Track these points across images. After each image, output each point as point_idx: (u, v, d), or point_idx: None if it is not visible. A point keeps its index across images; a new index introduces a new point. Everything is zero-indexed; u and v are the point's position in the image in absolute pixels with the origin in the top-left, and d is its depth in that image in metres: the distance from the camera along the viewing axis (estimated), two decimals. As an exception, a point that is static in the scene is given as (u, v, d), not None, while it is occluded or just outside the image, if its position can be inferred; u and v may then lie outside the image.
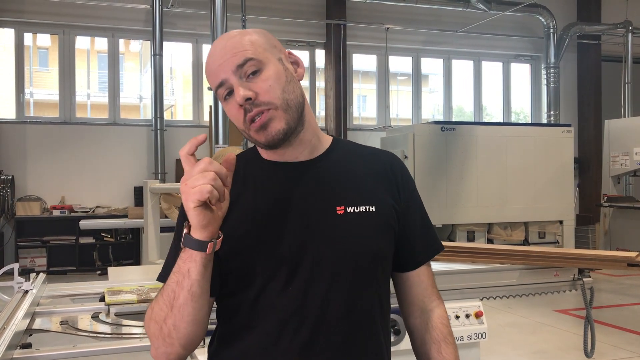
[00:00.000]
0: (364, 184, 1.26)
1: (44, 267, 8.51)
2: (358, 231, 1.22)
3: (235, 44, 1.19)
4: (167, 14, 9.27)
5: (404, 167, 1.34)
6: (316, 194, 1.23)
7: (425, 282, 1.33)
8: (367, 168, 1.30)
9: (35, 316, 2.03)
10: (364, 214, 1.22)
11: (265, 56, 1.19)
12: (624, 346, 5.04)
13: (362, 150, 1.35)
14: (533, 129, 9.14)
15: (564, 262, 3.17)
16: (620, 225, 9.13)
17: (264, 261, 1.17)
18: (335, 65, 10.30)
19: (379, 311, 1.27)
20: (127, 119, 9.75)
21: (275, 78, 1.18)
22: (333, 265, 1.19)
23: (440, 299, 1.35)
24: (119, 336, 1.87)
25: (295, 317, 1.17)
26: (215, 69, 1.20)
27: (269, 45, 1.22)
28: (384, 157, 1.33)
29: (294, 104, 1.20)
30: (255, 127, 1.17)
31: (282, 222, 1.20)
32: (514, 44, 11.65)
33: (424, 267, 1.34)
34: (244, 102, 1.16)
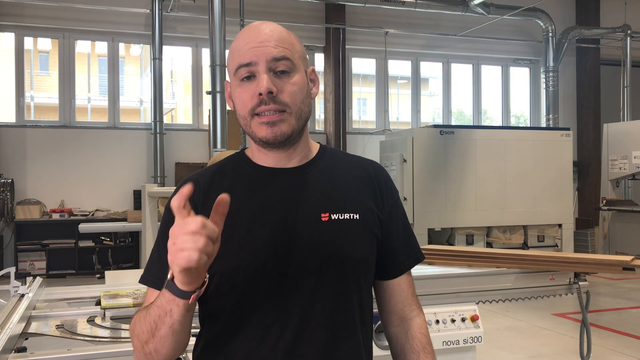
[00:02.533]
0: (349, 191, 1.27)
1: (44, 270, 8.52)
2: (342, 238, 1.22)
3: (280, 36, 1.20)
4: (167, 18, 9.31)
5: (388, 177, 1.36)
6: (302, 201, 1.23)
7: (405, 291, 1.34)
8: (353, 176, 1.31)
9: (31, 320, 2.04)
10: (347, 221, 1.23)
11: (298, 63, 1.22)
12: (622, 350, 5.04)
13: (349, 158, 1.37)
14: (532, 133, 9.15)
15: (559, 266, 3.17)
16: (620, 228, 9.13)
17: (246, 266, 1.17)
18: (334, 69, 10.32)
19: (360, 318, 1.27)
20: (126, 122, 9.77)
21: (300, 86, 1.21)
22: (316, 272, 1.20)
23: (420, 308, 1.36)
24: (115, 340, 1.88)
25: (278, 323, 1.18)
26: (247, 50, 1.19)
27: (303, 55, 1.26)
28: (369, 167, 1.35)
29: (304, 116, 1.23)
30: (262, 120, 1.18)
31: (267, 228, 1.20)
32: (513, 47, 11.67)
33: (405, 275, 1.35)
34: (267, 93, 1.16)
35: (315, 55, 10.73)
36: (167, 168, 9.43)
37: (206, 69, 9.37)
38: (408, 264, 1.36)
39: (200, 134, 9.73)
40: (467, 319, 2.70)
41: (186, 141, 9.77)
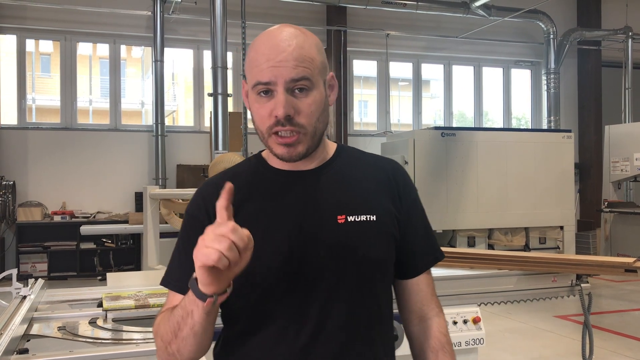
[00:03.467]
0: (365, 192, 1.27)
1: (45, 272, 8.52)
2: (358, 240, 1.22)
3: (300, 54, 1.17)
4: (168, 21, 9.32)
5: (406, 176, 1.35)
6: (318, 203, 1.24)
7: (424, 291, 1.34)
8: (370, 176, 1.30)
9: (33, 322, 2.04)
10: (364, 223, 1.23)
11: (317, 78, 1.20)
12: (624, 352, 5.03)
13: (366, 157, 1.36)
14: (533, 135, 9.14)
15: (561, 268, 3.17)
16: (621, 230, 9.11)
17: (264, 269, 1.18)
18: (335, 71, 10.32)
19: (378, 319, 1.27)
20: (128, 124, 9.78)
21: (317, 105, 1.20)
22: (333, 274, 1.20)
23: (439, 307, 1.35)
24: (116, 342, 1.88)
25: (294, 325, 1.19)
26: (266, 68, 1.17)
27: (322, 66, 1.22)
28: (387, 165, 1.34)
29: (319, 132, 1.22)
30: (279, 141, 1.19)
31: (284, 231, 1.21)
32: (514, 49, 11.67)
33: (424, 275, 1.34)
34: (284, 117, 1.16)
35: (316, 57, 10.73)
36: (169, 170, 9.44)
37: (207, 71, 9.38)
38: (427, 263, 1.35)
39: (202, 136, 9.73)
40: (469, 320, 2.69)
41: (187, 143, 9.77)
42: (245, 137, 6.30)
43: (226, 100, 5.49)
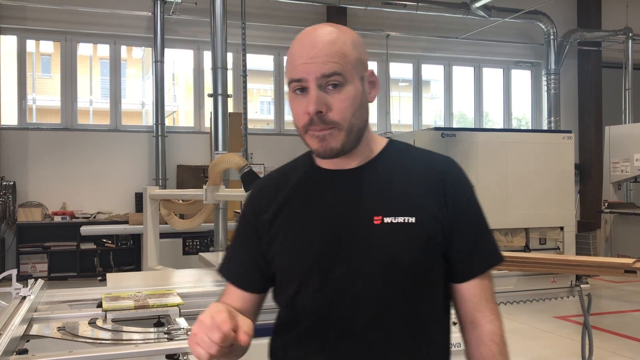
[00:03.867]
0: (405, 193, 1.24)
1: (45, 273, 8.52)
2: (393, 243, 1.20)
3: (330, 50, 1.18)
4: (169, 21, 9.33)
5: (458, 176, 1.29)
6: (355, 203, 1.24)
7: (476, 296, 1.27)
8: (416, 175, 1.27)
9: (32, 322, 2.04)
10: (402, 225, 1.21)
11: (351, 74, 1.20)
12: (623, 352, 5.03)
13: (416, 155, 1.32)
14: (533, 135, 9.13)
15: (561, 269, 3.18)
16: (621, 231, 9.11)
17: (298, 266, 1.23)
18: (336, 72, 10.31)
19: (415, 325, 1.23)
20: (128, 125, 9.79)
21: (352, 100, 1.20)
22: (364, 276, 1.20)
23: (495, 314, 1.28)
24: (116, 342, 1.88)
25: (325, 323, 1.22)
26: (299, 65, 1.19)
27: (358, 61, 1.22)
28: (437, 165, 1.29)
29: (356, 128, 1.22)
30: (313, 133, 1.20)
31: (320, 230, 1.23)
32: (515, 50, 11.67)
33: (476, 280, 1.27)
34: (315, 114, 1.17)
35: (316, 58, 10.73)
36: (169, 170, 9.44)
37: (208, 72, 9.38)
38: (478, 269, 1.27)
39: (202, 136, 9.73)
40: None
41: (188, 144, 9.78)
42: (245, 138, 6.31)
43: (226, 100, 5.50)
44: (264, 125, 10.92)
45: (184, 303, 2.30)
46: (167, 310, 2.22)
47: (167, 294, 2.42)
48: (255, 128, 10.34)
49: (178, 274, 3.47)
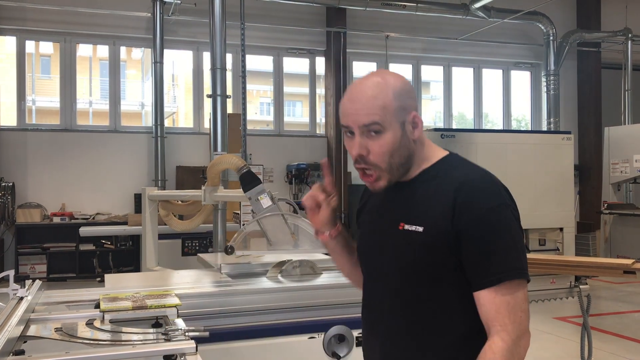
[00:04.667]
0: (423, 204, 1.44)
1: (44, 274, 8.51)
2: (404, 247, 1.44)
3: (373, 104, 1.38)
4: (168, 22, 9.32)
5: (472, 194, 1.38)
6: (396, 210, 1.49)
7: (486, 307, 1.36)
8: (437, 189, 1.43)
9: (29, 323, 2.03)
10: (412, 233, 1.42)
11: (390, 122, 1.39)
12: (623, 354, 5.03)
13: (452, 171, 1.46)
14: (533, 136, 9.14)
15: (560, 269, 3.17)
16: (621, 232, 9.11)
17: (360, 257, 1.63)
18: (335, 73, 10.33)
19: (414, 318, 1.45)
20: (127, 126, 9.79)
21: (390, 144, 1.40)
22: (386, 273, 1.50)
23: (502, 327, 1.34)
24: (113, 343, 1.87)
25: (367, 308, 1.60)
26: (346, 114, 1.43)
27: (399, 109, 1.40)
28: (456, 180, 1.41)
29: (397, 165, 1.44)
30: (358, 169, 1.47)
31: (371, 232, 1.58)
32: (514, 51, 11.68)
33: (488, 291, 1.35)
34: (357, 156, 1.42)
35: (316, 58, 10.74)
36: (168, 171, 9.44)
37: (207, 73, 9.38)
38: (486, 281, 1.36)
39: (202, 137, 9.72)
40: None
41: (187, 145, 9.77)
42: (244, 139, 6.30)
43: (225, 101, 5.49)
44: (263, 126, 10.91)
45: (182, 304, 2.29)
46: (165, 311, 2.21)
47: (165, 294, 2.41)
48: (254, 129, 10.34)
49: (176, 274, 3.46)
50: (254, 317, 2.69)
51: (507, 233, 1.37)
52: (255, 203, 3.16)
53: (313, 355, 2.69)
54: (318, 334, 2.70)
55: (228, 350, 2.59)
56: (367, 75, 1.45)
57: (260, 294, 2.79)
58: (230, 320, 2.65)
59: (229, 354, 2.60)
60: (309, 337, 2.70)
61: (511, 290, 1.35)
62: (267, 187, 3.28)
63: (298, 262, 3.18)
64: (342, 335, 2.73)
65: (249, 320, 2.68)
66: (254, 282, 3.02)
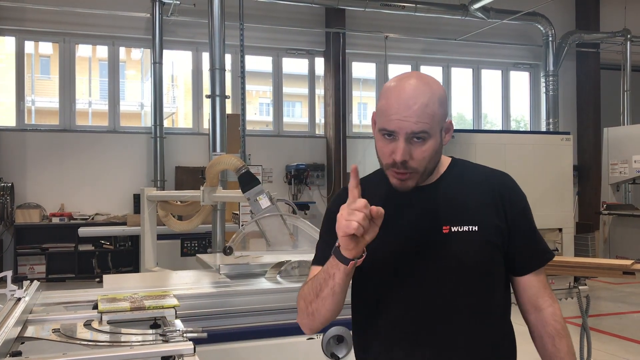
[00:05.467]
0: (469, 206, 1.48)
1: (43, 274, 8.51)
2: (460, 249, 1.45)
3: (424, 111, 1.38)
4: (167, 22, 9.32)
5: (512, 189, 1.55)
6: (428, 214, 1.48)
7: (535, 286, 1.53)
8: (476, 191, 1.51)
9: (27, 324, 2.03)
10: (467, 233, 1.45)
11: (435, 130, 1.41)
12: (622, 354, 5.03)
13: (475, 172, 1.57)
14: (532, 137, 9.13)
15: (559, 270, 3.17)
16: (620, 233, 9.11)
17: (380, 264, 1.48)
18: (334, 73, 10.32)
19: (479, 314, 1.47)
20: (126, 126, 9.78)
21: (431, 151, 1.42)
22: (435, 279, 1.46)
23: (552, 299, 1.55)
24: (111, 344, 1.87)
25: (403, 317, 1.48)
26: (394, 119, 1.38)
27: (442, 117, 1.43)
28: (494, 180, 1.54)
29: (430, 170, 1.47)
30: (394, 174, 1.43)
31: (399, 235, 1.47)
32: (513, 52, 11.68)
33: (533, 274, 1.53)
34: (400, 162, 1.39)
35: (315, 59, 10.74)
36: (167, 172, 9.43)
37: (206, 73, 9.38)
38: (535, 264, 1.54)
39: (201, 137, 9.72)
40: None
41: (186, 145, 9.77)
42: (243, 139, 6.30)
43: (224, 102, 5.49)
44: (263, 127, 10.91)
45: (181, 305, 2.29)
46: (163, 312, 2.20)
47: (164, 295, 2.40)
48: (254, 129, 10.34)
49: (175, 275, 3.46)
50: (253, 317, 2.69)
51: (534, 221, 1.58)
52: (254, 203, 3.16)
53: (312, 356, 2.69)
54: (317, 335, 2.70)
55: (227, 351, 2.59)
56: (410, 78, 1.43)
57: (259, 294, 2.78)
58: (229, 321, 2.65)
59: (228, 355, 2.59)
60: (308, 338, 2.69)
61: (544, 268, 1.56)
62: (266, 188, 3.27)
63: (297, 263, 3.17)
64: (341, 336, 2.72)
65: (247, 321, 2.67)
66: (253, 282, 3.01)
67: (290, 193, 10.12)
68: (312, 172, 10.17)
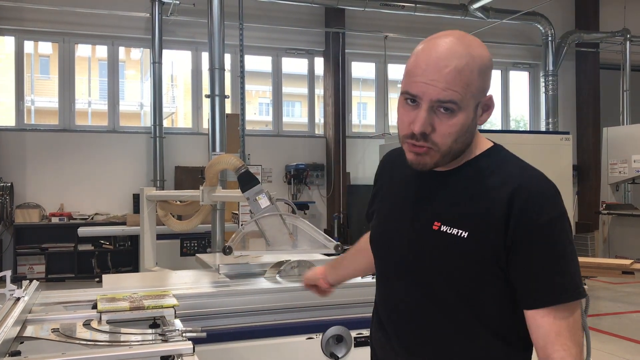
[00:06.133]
0: (469, 206, 1.24)
1: (43, 274, 8.50)
2: (442, 251, 1.25)
3: (454, 78, 1.15)
4: (167, 22, 9.32)
5: (531, 201, 1.20)
6: (427, 204, 1.30)
7: (544, 328, 1.19)
8: (487, 190, 1.24)
9: (26, 323, 2.03)
10: (454, 237, 1.23)
11: (467, 103, 1.18)
12: (622, 354, 5.02)
13: (503, 167, 1.27)
14: (531, 137, 9.14)
15: (558, 270, 3.17)
16: (620, 232, 9.11)
17: (377, 246, 1.43)
18: (334, 73, 10.32)
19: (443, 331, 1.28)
20: (126, 126, 9.78)
21: (459, 127, 1.19)
22: (412, 274, 1.32)
23: (567, 352, 1.17)
24: (110, 343, 1.87)
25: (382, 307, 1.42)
26: (418, 82, 1.18)
27: (479, 90, 1.20)
28: (511, 184, 1.22)
29: (455, 151, 1.24)
30: (410, 148, 1.24)
31: (396, 220, 1.36)
32: (513, 52, 11.68)
33: (544, 311, 1.19)
34: (419, 133, 1.19)
35: (315, 59, 10.74)
36: (167, 172, 9.43)
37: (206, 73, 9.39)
38: (542, 300, 1.20)
39: (200, 137, 9.72)
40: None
41: (186, 145, 9.77)
42: (243, 139, 6.30)
43: (223, 101, 5.48)
44: (262, 127, 10.91)
45: (180, 304, 2.29)
46: (163, 311, 2.21)
47: (163, 295, 2.40)
48: (253, 129, 10.34)
49: (174, 275, 3.46)
50: (252, 317, 2.69)
51: (567, 247, 1.21)
52: (253, 203, 3.16)
53: (311, 356, 2.69)
54: (316, 335, 2.70)
55: (226, 350, 2.59)
56: (448, 36, 1.20)
57: (258, 294, 2.78)
58: (228, 320, 2.65)
59: (227, 354, 2.59)
60: (307, 338, 2.69)
61: (571, 309, 1.19)
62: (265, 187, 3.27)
63: (296, 263, 3.17)
64: (341, 335, 2.72)
65: (246, 321, 2.67)
66: (252, 282, 3.01)
67: (290, 193, 10.12)
68: (311, 171, 10.17)
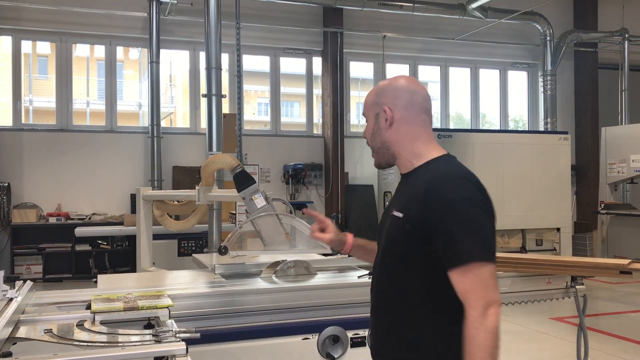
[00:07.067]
0: (405, 195, 1.73)
1: (40, 274, 8.48)
2: (389, 229, 1.75)
3: (366, 101, 1.85)
4: (164, 22, 9.29)
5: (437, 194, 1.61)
6: (397, 198, 1.79)
7: (457, 285, 1.57)
8: (417, 185, 1.69)
9: (19, 324, 2.01)
10: (397, 218, 1.71)
11: (369, 115, 1.83)
12: (620, 354, 5.02)
13: (431, 172, 1.71)
14: (530, 136, 9.15)
15: (556, 270, 3.15)
16: (618, 232, 9.11)
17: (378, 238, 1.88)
18: (332, 73, 10.31)
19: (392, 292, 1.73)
20: (123, 126, 9.75)
21: (368, 133, 1.85)
22: (379, 257, 1.82)
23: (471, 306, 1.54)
24: (103, 344, 1.85)
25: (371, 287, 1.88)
26: None
27: (374, 104, 1.81)
28: (426, 183, 1.65)
29: (377, 149, 1.83)
30: None
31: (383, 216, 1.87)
32: (511, 51, 11.67)
33: (455, 272, 1.57)
34: None
35: (313, 58, 10.72)
36: (165, 172, 9.41)
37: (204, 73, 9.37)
38: (451, 263, 1.57)
39: (198, 137, 9.70)
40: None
41: (184, 145, 9.74)
42: (240, 139, 6.28)
43: (220, 101, 5.47)
44: (261, 127, 10.89)
45: (175, 305, 2.27)
46: (157, 312, 2.19)
47: (158, 295, 2.39)
48: (251, 129, 10.32)
49: (170, 275, 3.44)
50: (248, 318, 2.67)
51: (469, 222, 1.57)
52: (249, 203, 3.14)
53: (307, 356, 2.68)
54: (312, 335, 2.69)
55: (221, 351, 2.57)
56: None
57: (254, 294, 2.77)
58: (224, 321, 2.63)
59: (223, 355, 2.58)
60: (303, 338, 2.68)
61: (476, 270, 1.54)
62: (262, 187, 3.26)
63: (292, 263, 3.16)
64: (337, 336, 2.71)
65: (242, 321, 2.66)
66: (248, 282, 2.99)
67: (288, 193, 10.10)
68: (309, 171, 10.16)
